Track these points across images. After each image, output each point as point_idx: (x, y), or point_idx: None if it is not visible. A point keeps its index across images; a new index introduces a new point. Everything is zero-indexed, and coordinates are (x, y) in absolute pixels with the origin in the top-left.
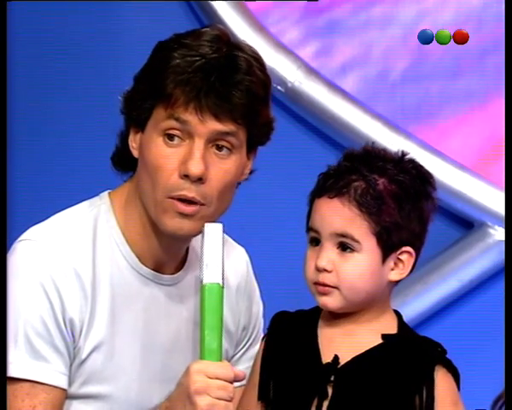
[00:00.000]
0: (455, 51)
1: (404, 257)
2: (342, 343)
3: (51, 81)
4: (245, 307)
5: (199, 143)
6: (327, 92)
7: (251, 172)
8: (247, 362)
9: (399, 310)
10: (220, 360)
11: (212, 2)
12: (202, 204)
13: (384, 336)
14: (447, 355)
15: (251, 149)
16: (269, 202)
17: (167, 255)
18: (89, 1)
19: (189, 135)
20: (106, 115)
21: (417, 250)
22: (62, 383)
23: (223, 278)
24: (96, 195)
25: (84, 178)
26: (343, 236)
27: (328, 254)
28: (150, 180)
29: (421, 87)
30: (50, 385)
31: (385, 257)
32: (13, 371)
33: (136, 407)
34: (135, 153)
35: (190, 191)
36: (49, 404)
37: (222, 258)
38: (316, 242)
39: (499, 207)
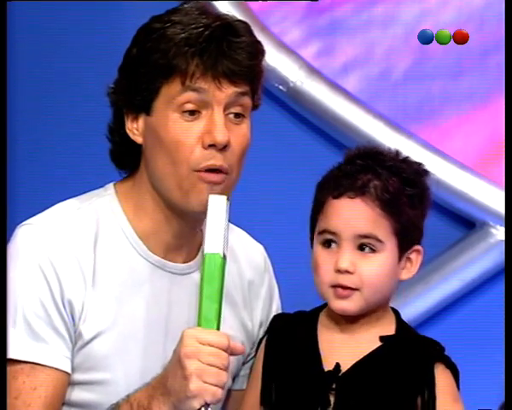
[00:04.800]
0: (457, 51)
1: (413, 256)
2: (342, 349)
3: (51, 81)
4: (262, 303)
5: (218, 111)
6: (329, 92)
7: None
8: None
9: (401, 310)
10: (216, 329)
11: (214, 2)
12: (227, 173)
13: (382, 339)
14: (446, 353)
15: (253, 110)
16: (269, 202)
17: (178, 242)
18: (89, 0)
19: (206, 105)
20: (107, 114)
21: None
22: (63, 365)
23: (225, 250)
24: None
25: (84, 178)
26: (366, 237)
27: (350, 256)
28: (170, 159)
29: (423, 87)
30: (51, 367)
31: (400, 256)
32: (12, 352)
33: None
34: (138, 139)
35: (218, 160)
36: (50, 386)
37: (225, 230)
38: (329, 243)
39: (501, 207)
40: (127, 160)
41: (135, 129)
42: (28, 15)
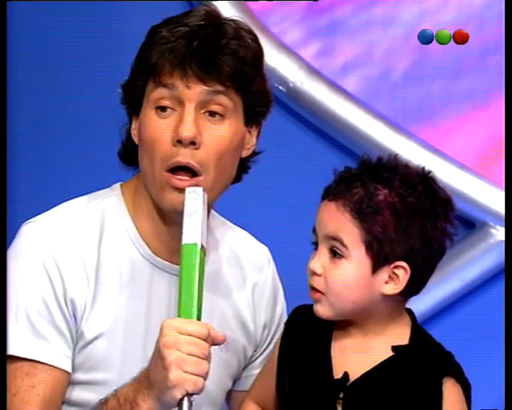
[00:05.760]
0: (456, 51)
1: (399, 272)
2: (353, 357)
3: (51, 81)
4: (266, 305)
5: (189, 108)
6: (328, 92)
7: (257, 153)
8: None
9: None
10: (197, 319)
11: (214, 3)
12: (198, 175)
13: (394, 349)
14: (458, 366)
15: (249, 118)
16: (269, 202)
17: (178, 244)
18: (89, 0)
19: (179, 102)
20: (108, 113)
21: (418, 269)
22: (63, 364)
23: (203, 241)
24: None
25: (84, 179)
26: (334, 239)
27: (321, 258)
28: (148, 157)
29: (423, 87)
30: (50, 365)
31: (376, 268)
32: (13, 349)
33: None
34: (136, 140)
35: (185, 157)
36: (49, 384)
37: (203, 221)
38: (316, 245)
39: (501, 207)
40: (133, 159)
41: (134, 130)
42: (28, 15)
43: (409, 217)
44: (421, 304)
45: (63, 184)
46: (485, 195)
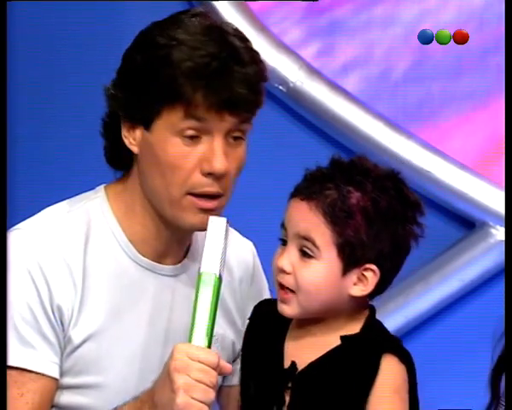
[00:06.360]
0: (456, 51)
1: (368, 274)
2: (305, 348)
3: (51, 81)
4: (252, 301)
5: (219, 139)
6: (328, 92)
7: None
8: None
9: (401, 310)
10: (207, 347)
11: (214, 2)
12: (221, 195)
13: (342, 338)
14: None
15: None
16: (269, 202)
17: (169, 246)
18: (90, 0)
19: (206, 132)
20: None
21: (386, 271)
22: (51, 371)
23: (221, 271)
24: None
25: (84, 179)
26: (305, 239)
27: (290, 256)
28: (164, 179)
29: (423, 87)
30: (38, 373)
31: (346, 270)
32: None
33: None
34: (134, 149)
35: (213, 187)
36: (37, 393)
37: (223, 251)
38: (284, 242)
39: (501, 207)
40: (120, 160)
41: (131, 138)
42: (28, 15)
43: (380, 221)
44: (420, 304)
45: (63, 184)
46: (486, 195)
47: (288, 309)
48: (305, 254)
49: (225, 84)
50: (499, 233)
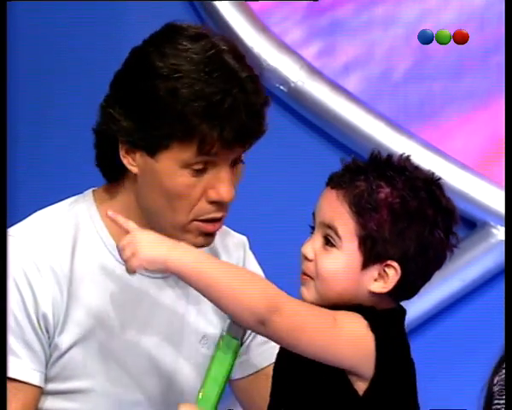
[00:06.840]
0: (457, 51)
1: (390, 271)
2: None
3: (52, 81)
4: None
5: (225, 168)
6: (329, 92)
7: None
8: (258, 347)
9: None
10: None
11: (215, 3)
12: (224, 216)
13: None
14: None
15: None
16: (270, 202)
17: None
18: (90, 0)
19: (214, 163)
20: None
21: (410, 273)
22: (34, 379)
23: (242, 338)
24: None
25: (84, 179)
26: (329, 227)
27: (314, 243)
28: (169, 205)
29: (424, 87)
30: (21, 381)
31: (366, 264)
32: None
33: (125, 401)
34: (134, 170)
35: (219, 212)
36: (20, 401)
37: None
38: (313, 229)
39: (502, 207)
40: (110, 171)
41: (130, 158)
42: (28, 15)
43: (406, 220)
44: (421, 304)
45: (63, 184)
46: (486, 194)
47: (307, 293)
48: (327, 243)
49: (238, 120)
50: (500, 233)
